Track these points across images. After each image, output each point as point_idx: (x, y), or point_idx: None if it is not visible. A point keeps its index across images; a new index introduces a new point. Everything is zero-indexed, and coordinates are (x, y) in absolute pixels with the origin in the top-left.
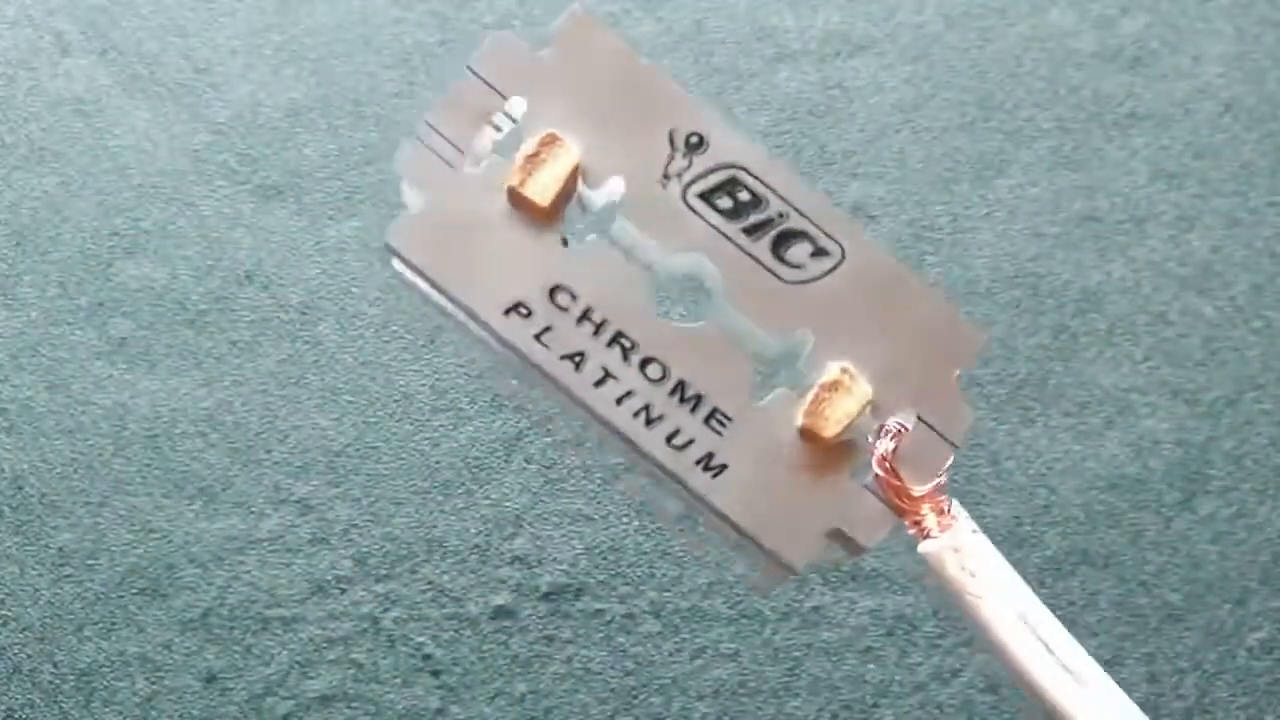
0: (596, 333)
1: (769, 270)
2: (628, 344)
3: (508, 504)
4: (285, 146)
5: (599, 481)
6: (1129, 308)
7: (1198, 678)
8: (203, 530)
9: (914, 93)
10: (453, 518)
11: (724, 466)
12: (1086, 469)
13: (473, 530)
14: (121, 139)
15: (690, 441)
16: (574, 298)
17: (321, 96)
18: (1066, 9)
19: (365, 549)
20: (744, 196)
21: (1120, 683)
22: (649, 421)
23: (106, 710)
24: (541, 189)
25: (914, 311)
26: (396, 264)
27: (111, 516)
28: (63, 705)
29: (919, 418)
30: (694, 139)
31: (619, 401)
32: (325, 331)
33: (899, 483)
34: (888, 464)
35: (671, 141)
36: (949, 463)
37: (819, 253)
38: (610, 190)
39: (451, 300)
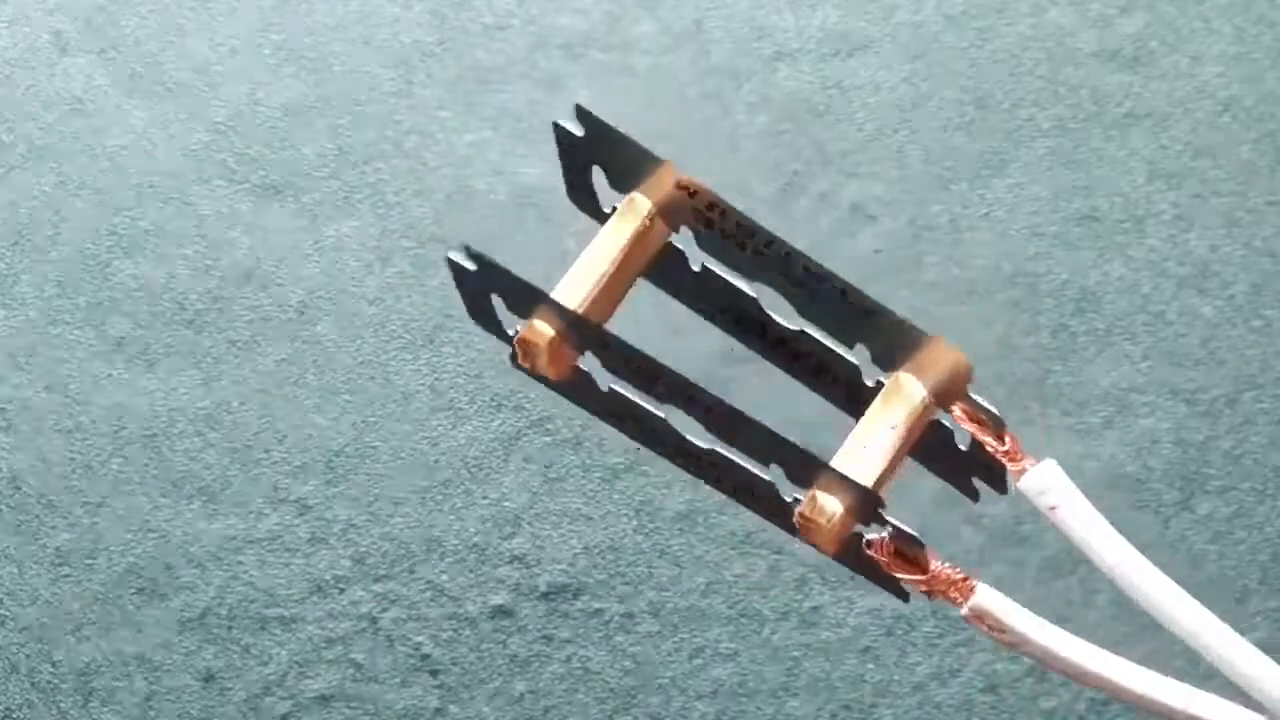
0: (662, 395)
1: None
2: (688, 397)
3: (506, 503)
4: (284, 146)
5: (598, 481)
6: (1128, 307)
7: (1196, 679)
8: (201, 530)
9: (912, 92)
10: (451, 517)
11: (793, 530)
12: (1085, 468)
13: (471, 530)
14: (120, 138)
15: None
16: (642, 369)
17: (320, 96)
18: (1065, 9)
19: (364, 548)
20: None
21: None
22: (734, 490)
23: (105, 709)
24: (548, 365)
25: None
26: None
27: (110, 516)
28: (61, 704)
29: (889, 524)
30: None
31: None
32: (324, 331)
33: (895, 562)
34: (890, 561)
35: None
36: (924, 556)
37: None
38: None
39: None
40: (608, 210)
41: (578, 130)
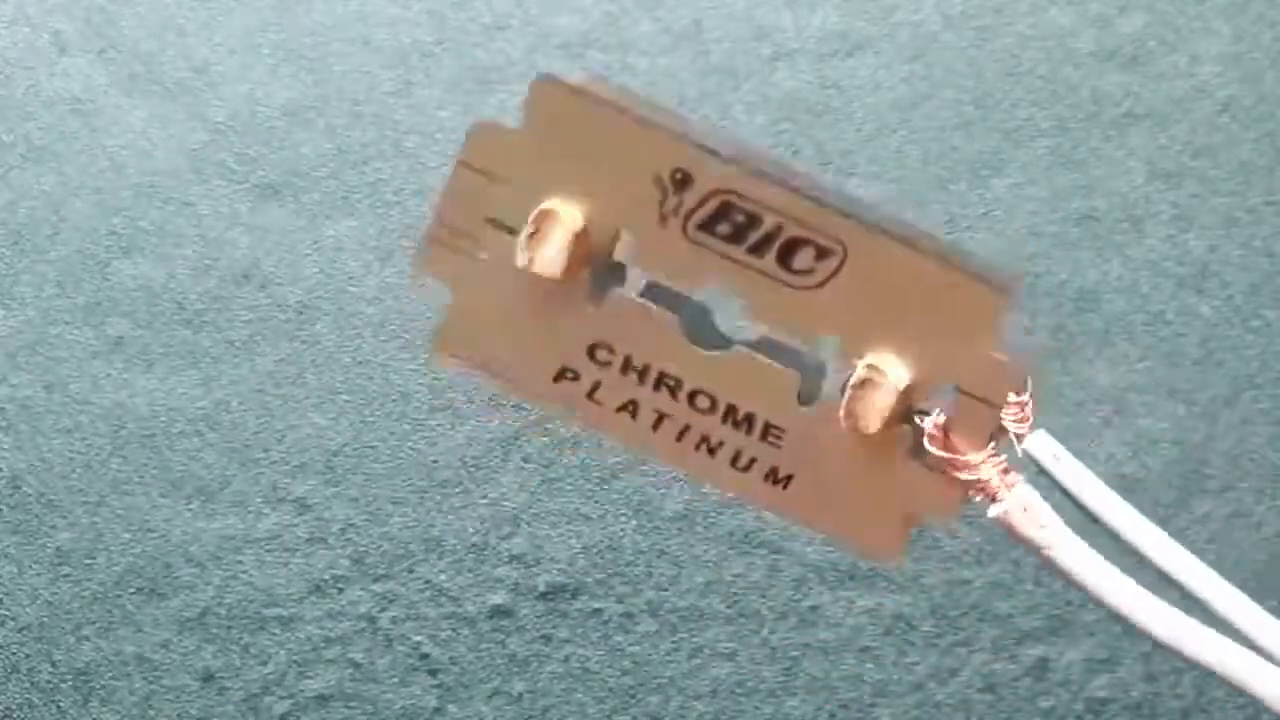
0: (641, 379)
1: (782, 282)
2: (672, 382)
3: (505, 503)
4: (283, 146)
5: (596, 481)
6: (1126, 307)
7: (1195, 677)
8: (200, 530)
9: (911, 92)
10: (450, 517)
11: (790, 477)
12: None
13: (470, 529)
14: (119, 138)
15: (753, 460)
16: (612, 351)
17: (319, 96)
18: (1064, 8)
19: (363, 548)
20: (739, 219)
21: (1117, 682)
22: (710, 450)
23: (104, 709)
24: (548, 263)
25: (925, 288)
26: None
27: (109, 516)
28: (61, 704)
29: (958, 388)
30: (678, 176)
31: (678, 438)
32: (323, 331)
33: (955, 454)
34: (939, 440)
35: (658, 184)
36: (995, 424)
37: (822, 254)
38: (617, 245)
39: (505, 384)
40: None
41: None
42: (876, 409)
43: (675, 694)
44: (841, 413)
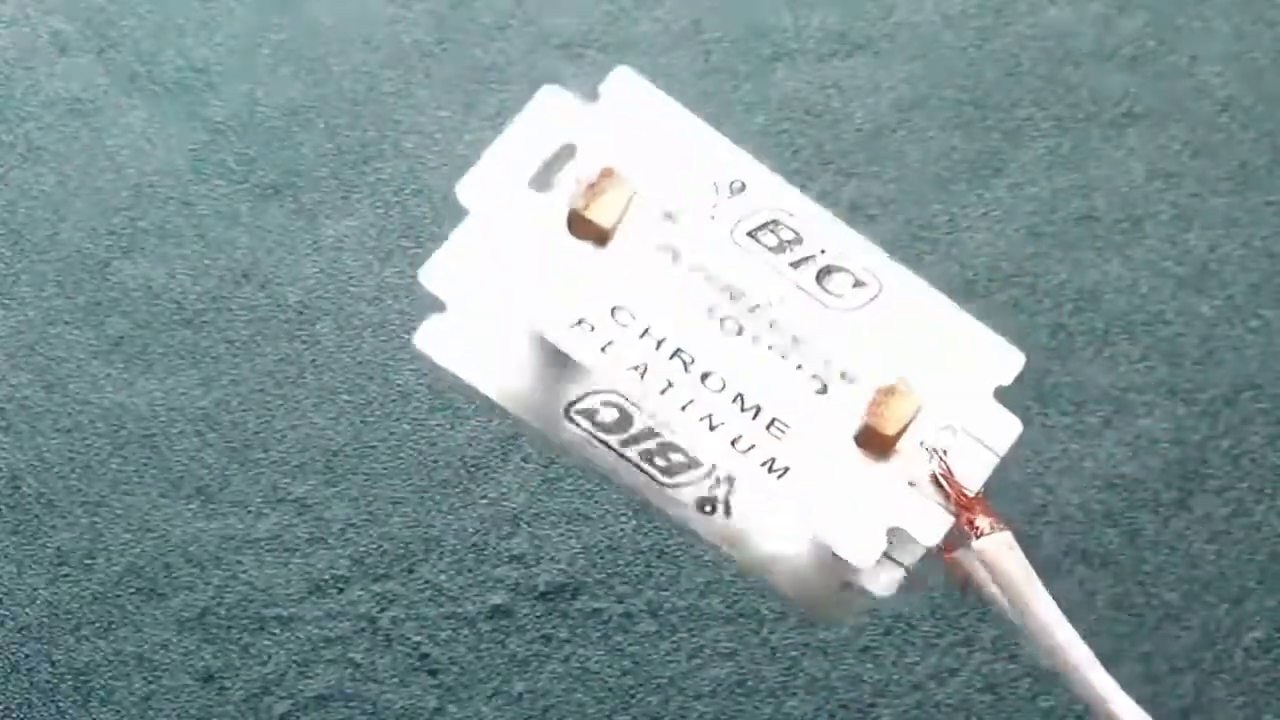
0: (658, 347)
1: (815, 299)
2: (688, 359)
3: (505, 503)
4: (283, 146)
5: (596, 481)
6: (1126, 307)
7: (1195, 677)
8: (200, 530)
9: (911, 92)
10: (450, 517)
11: (787, 469)
12: (1084, 468)
13: (470, 529)
14: (119, 138)
15: (753, 446)
16: (633, 316)
17: (319, 96)
18: (1064, 8)
19: (362, 548)
20: (786, 235)
21: (1117, 683)
22: (712, 427)
23: (104, 709)
24: (604, 212)
25: (949, 335)
26: (442, 285)
27: (109, 516)
28: (60, 704)
29: (963, 429)
30: (736, 184)
31: (683, 409)
32: (322, 331)
33: (956, 483)
34: (944, 466)
35: (715, 188)
36: (990, 470)
37: (859, 284)
38: (663, 224)
39: (519, 320)
40: None
41: None
42: (898, 415)
43: (675, 694)
44: (863, 412)
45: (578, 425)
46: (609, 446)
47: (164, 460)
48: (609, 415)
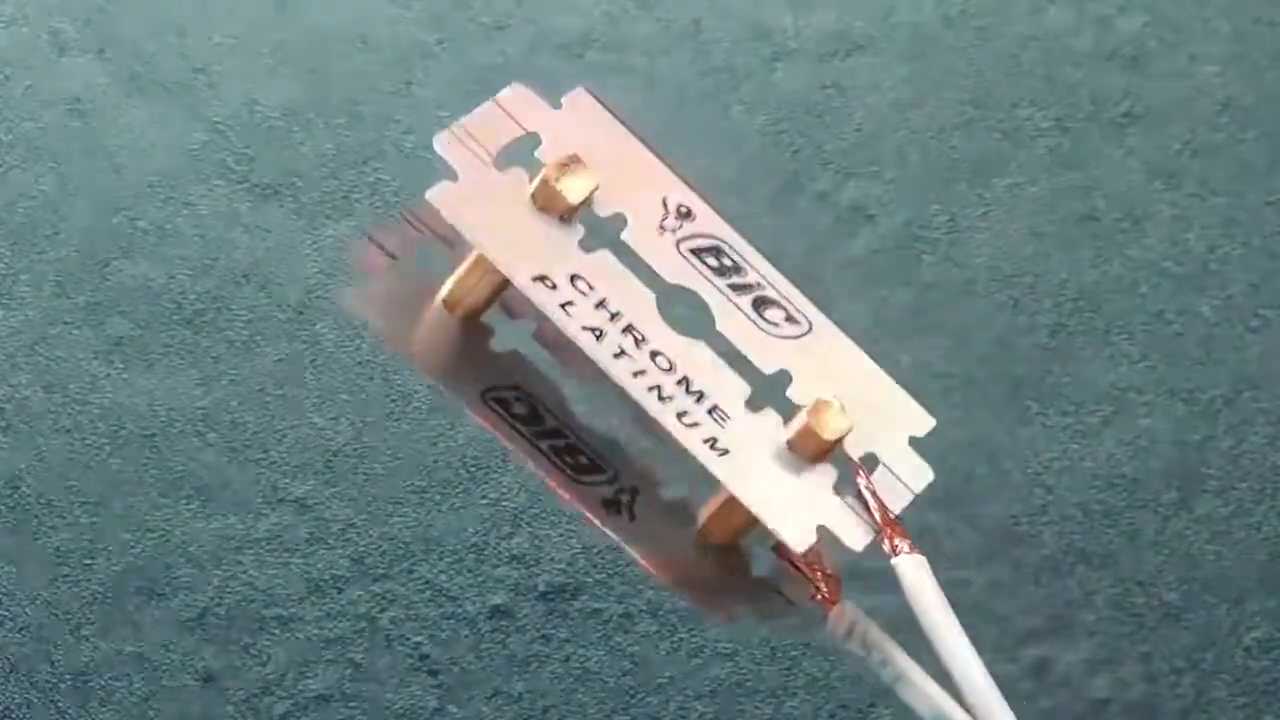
0: (612, 319)
1: (751, 320)
2: (639, 336)
3: (505, 503)
4: (282, 146)
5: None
6: (1126, 307)
7: (1195, 677)
8: (200, 530)
9: (911, 92)
10: (450, 517)
11: (727, 450)
12: (1084, 468)
13: (470, 530)
14: (118, 138)
15: (697, 424)
16: (590, 288)
17: (318, 96)
18: (1064, 8)
19: (362, 548)
20: (727, 262)
21: (1117, 682)
22: (661, 399)
23: (104, 709)
24: (573, 188)
25: (871, 384)
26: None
27: (108, 516)
28: (60, 704)
29: (882, 463)
30: (684, 209)
31: (635, 375)
32: (322, 331)
33: (881, 499)
34: (870, 485)
35: (665, 205)
36: (907, 504)
37: (791, 319)
38: (617, 221)
39: (493, 258)
40: None
41: None
42: (834, 425)
43: (675, 694)
44: (802, 418)
45: (494, 410)
46: (523, 435)
47: (164, 460)
48: (521, 409)
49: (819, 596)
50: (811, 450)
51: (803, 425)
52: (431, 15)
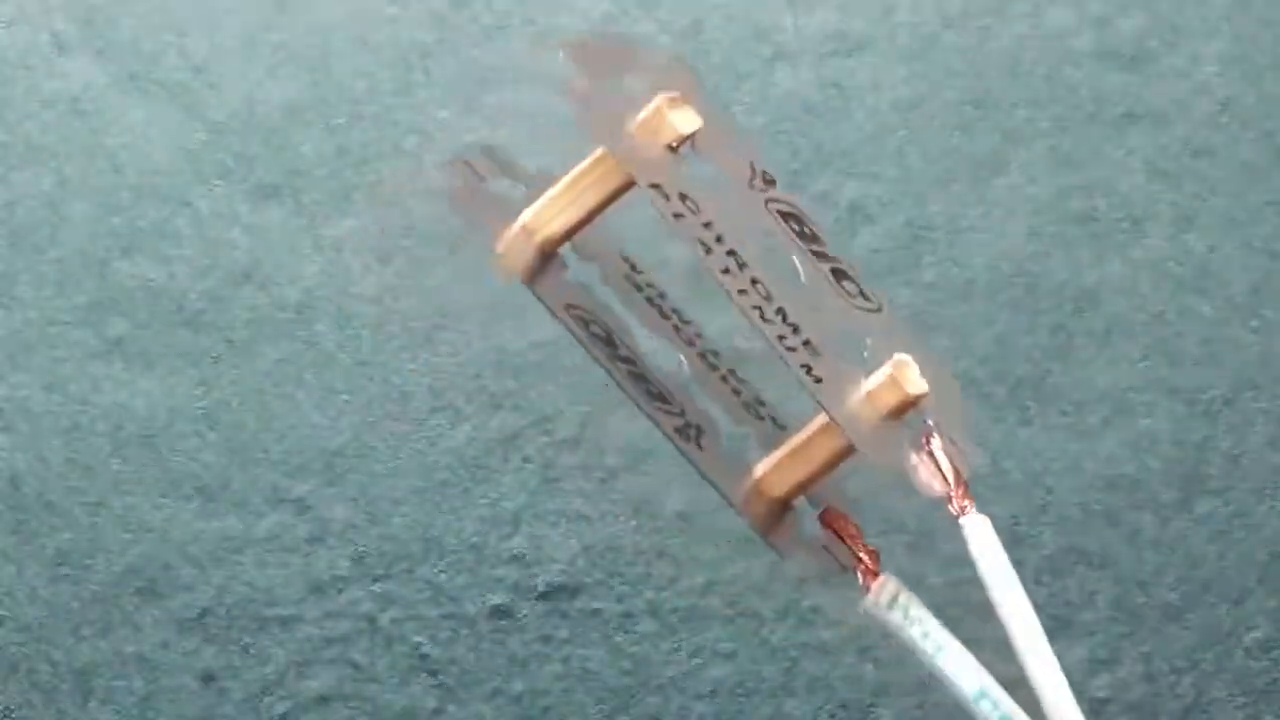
0: (719, 240)
1: (831, 285)
2: (741, 261)
3: (505, 503)
4: (282, 146)
5: (596, 481)
6: (1126, 307)
7: (1195, 677)
8: (200, 530)
9: (911, 92)
10: (450, 517)
11: (820, 379)
12: (1084, 468)
13: (470, 530)
14: (118, 138)
15: (794, 349)
16: (698, 208)
17: (319, 96)
18: (1064, 8)
19: (362, 548)
20: (807, 231)
21: (1117, 682)
22: (764, 318)
23: (104, 709)
24: (683, 120)
25: (931, 370)
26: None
27: (109, 516)
28: (60, 704)
29: (948, 436)
30: (769, 177)
31: (741, 293)
32: (322, 331)
33: (955, 462)
34: (945, 445)
35: (752, 168)
36: (973, 468)
37: (864, 295)
38: (712, 167)
39: (615, 154)
40: None
41: None
42: (916, 383)
43: (675, 694)
44: (884, 374)
45: (570, 323)
46: (602, 353)
47: (164, 460)
48: (599, 329)
49: (862, 567)
50: (892, 403)
51: (887, 377)
52: (431, 15)
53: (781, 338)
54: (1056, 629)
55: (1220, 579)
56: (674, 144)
